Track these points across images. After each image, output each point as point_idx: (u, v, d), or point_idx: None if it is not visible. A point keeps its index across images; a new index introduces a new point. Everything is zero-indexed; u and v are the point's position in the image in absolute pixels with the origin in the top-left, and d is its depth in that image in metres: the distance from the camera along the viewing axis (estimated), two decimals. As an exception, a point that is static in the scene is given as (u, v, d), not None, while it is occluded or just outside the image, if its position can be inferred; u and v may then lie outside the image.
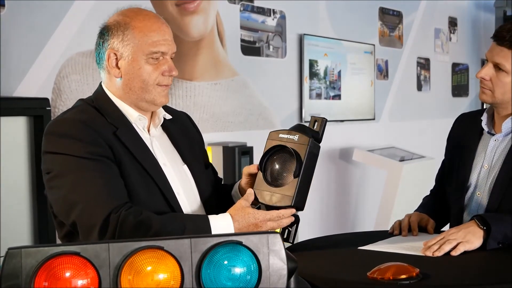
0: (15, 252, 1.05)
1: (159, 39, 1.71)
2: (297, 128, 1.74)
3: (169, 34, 1.75)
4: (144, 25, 1.71)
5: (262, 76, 4.27)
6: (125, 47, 1.71)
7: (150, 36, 1.71)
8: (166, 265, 1.08)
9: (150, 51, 1.70)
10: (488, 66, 2.04)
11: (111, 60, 1.73)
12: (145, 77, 1.72)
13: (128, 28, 1.71)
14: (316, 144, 1.72)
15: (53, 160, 1.65)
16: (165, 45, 1.72)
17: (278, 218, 1.67)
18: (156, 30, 1.72)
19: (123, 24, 1.72)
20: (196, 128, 2.01)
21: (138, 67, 1.71)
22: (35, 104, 2.72)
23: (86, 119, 1.69)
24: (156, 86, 1.73)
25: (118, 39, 1.72)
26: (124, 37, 1.71)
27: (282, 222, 1.69)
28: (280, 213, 1.67)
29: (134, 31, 1.70)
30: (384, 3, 5.54)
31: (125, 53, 1.71)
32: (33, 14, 2.91)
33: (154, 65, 1.72)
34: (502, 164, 2.03)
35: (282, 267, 1.12)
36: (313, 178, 1.73)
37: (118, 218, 1.55)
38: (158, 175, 1.72)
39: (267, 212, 1.67)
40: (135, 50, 1.70)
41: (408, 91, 5.95)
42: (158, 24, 1.73)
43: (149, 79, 1.72)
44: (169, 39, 1.74)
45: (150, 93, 1.73)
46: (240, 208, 1.67)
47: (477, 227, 1.85)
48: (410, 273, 1.52)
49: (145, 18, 1.73)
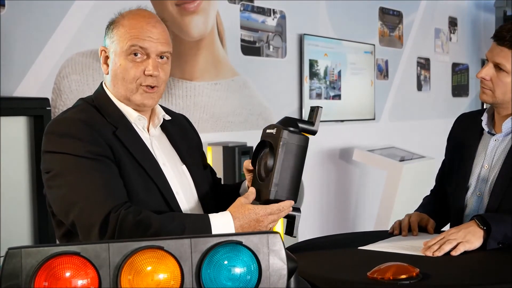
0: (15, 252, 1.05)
1: (139, 35, 1.69)
2: (281, 121, 1.73)
3: (157, 33, 1.72)
4: (130, 23, 1.71)
5: (262, 76, 4.28)
6: (111, 44, 1.73)
7: (130, 32, 1.70)
8: (166, 265, 1.08)
9: (128, 46, 1.69)
10: (489, 66, 2.04)
11: (102, 57, 1.76)
12: (124, 74, 1.70)
13: (118, 25, 1.72)
14: (294, 135, 1.68)
15: (53, 159, 1.65)
16: (146, 41, 1.69)
17: (279, 211, 1.67)
18: (139, 28, 1.70)
19: (115, 22, 1.74)
20: (194, 130, 2.01)
21: (118, 64, 1.71)
22: (35, 104, 2.72)
23: (86, 119, 1.69)
24: (139, 86, 1.71)
25: (108, 36, 1.74)
26: (111, 34, 1.73)
27: (282, 215, 1.69)
28: (280, 205, 1.67)
29: (119, 28, 1.71)
30: (384, 3, 5.54)
31: (111, 49, 1.73)
32: (33, 14, 2.91)
33: (133, 62, 1.70)
34: (502, 164, 2.03)
35: (282, 267, 1.12)
36: (302, 168, 1.70)
37: (118, 218, 1.55)
38: (157, 175, 1.72)
39: (266, 206, 1.66)
40: (117, 46, 1.71)
41: (408, 91, 5.95)
42: (143, 23, 1.71)
43: (127, 77, 1.70)
44: (153, 37, 1.71)
45: (131, 92, 1.72)
46: (239, 206, 1.67)
47: (477, 227, 1.85)
48: (410, 273, 1.52)
49: (135, 16, 1.72)
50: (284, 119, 1.73)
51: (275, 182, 1.67)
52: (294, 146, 1.68)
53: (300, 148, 1.69)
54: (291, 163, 1.68)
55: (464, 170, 2.12)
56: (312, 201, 4.67)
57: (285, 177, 1.68)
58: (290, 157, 1.68)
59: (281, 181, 1.68)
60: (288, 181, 1.69)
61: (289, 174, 1.68)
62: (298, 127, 1.71)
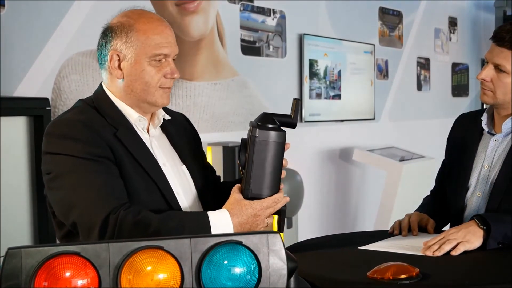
0: (15, 252, 1.05)
1: (162, 42, 1.72)
2: (258, 118, 1.71)
3: (172, 36, 1.75)
4: (148, 28, 1.71)
5: (262, 76, 4.27)
6: (128, 48, 1.71)
7: (153, 38, 1.71)
8: (166, 265, 1.08)
9: (153, 54, 1.71)
10: (489, 68, 2.04)
11: (114, 61, 1.73)
12: (147, 79, 1.72)
13: (132, 30, 1.71)
14: (266, 132, 1.66)
15: (53, 160, 1.65)
16: (168, 47, 1.73)
17: (274, 203, 1.68)
18: (159, 33, 1.72)
19: (127, 25, 1.72)
20: (194, 128, 2.01)
21: (141, 69, 1.72)
22: (35, 104, 2.72)
23: (86, 120, 1.69)
24: (158, 88, 1.74)
25: (122, 41, 1.72)
26: (127, 39, 1.71)
27: (278, 206, 1.70)
28: (275, 198, 1.68)
29: (138, 33, 1.71)
30: (384, 3, 5.54)
31: (128, 54, 1.71)
32: (33, 14, 2.91)
33: (156, 67, 1.72)
34: (502, 164, 2.03)
35: (282, 267, 1.12)
36: (279, 163, 1.67)
37: (117, 218, 1.56)
38: (158, 175, 1.73)
39: (262, 200, 1.67)
40: (138, 52, 1.71)
41: (408, 91, 5.95)
42: (162, 27, 1.74)
43: (152, 81, 1.72)
44: (172, 42, 1.74)
45: (152, 95, 1.74)
46: (235, 202, 1.67)
47: (477, 227, 1.85)
48: (410, 273, 1.52)
49: (149, 20, 1.73)
50: (262, 115, 1.71)
51: (249, 181, 1.67)
52: (267, 142, 1.66)
53: (274, 144, 1.66)
54: (265, 160, 1.66)
55: (464, 170, 2.12)
56: (312, 201, 4.67)
57: (259, 174, 1.66)
58: (263, 154, 1.66)
59: (255, 179, 1.66)
60: (264, 178, 1.67)
61: (263, 171, 1.67)
62: (276, 122, 1.69)
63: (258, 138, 1.65)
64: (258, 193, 1.67)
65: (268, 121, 1.68)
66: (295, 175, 3.86)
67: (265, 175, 1.67)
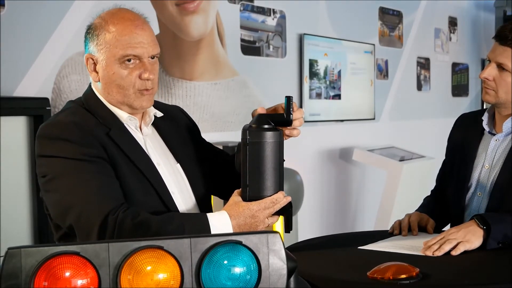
0: (15, 252, 1.05)
1: (131, 42, 1.66)
2: (253, 120, 1.70)
3: (145, 36, 1.69)
4: (116, 29, 1.67)
5: (262, 76, 4.27)
6: (99, 51, 1.69)
7: (121, 40, 1.66)
8: (166, 265, 1.08)
9: (121, 55, 1.66)
10: (491, 66, 2.04)
11: (90, 65, 1.72)
12: (119, 82, 1.68)
13: (102, 32, 1.68)
14: (259, 133, 1.65)
15: (48, 163, 1.64)
16: (138, 48, 1.67)
17: (273, 204, 1.65)
18: (128, 34, 1.67)
19: (98, 27, 1.69)
20: (190, 119, 1.98)
21: (112, 72, 1.68)
22: (35, 104, 2.72)
23: (79, 121, 1.67)
24: (135, 91, 1.70)
25: (94, 43, 1.70)
26: (98, 41, 1.69)
27: (278, 207, 1.66)
28: (273, 198, 1.65)
29: (106, 35, 1.67)
30: (384, 3, 5.54)
31: (100, 57, 1.69)
32: (33, 14, 2.91)
33: (128, 69, 1.68)
34: (502, 164, 2.03)
35: (282, 267, 1.12)
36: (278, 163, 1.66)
37: (116, 220, 1.54)
38: (153, 175, 1.71)
39: (260, 201, 1.65)
40: (108, 55, 1.67)
41: (408, 91, 5.95)
42: (131, 28, 1.68)
43: (124, 84, 1.68)
44: (145, 42, 1.68)
45: (128, 97, 1.70)
46: (233, 204, 1.66)
47: (477, 227, 1.85)
48: (410, 273, 1.52)
49: (120, 21, 1.68)
50: (256, 117, 1.70)
51: (246, 184, 1.66)
52: (259, 143, 1.64)
53: (270, 144, 1.65)
54: (260, 161, 1.64)
55: (464, 170, 2.12)
56: (312, 201, 4.67)
57: (256, 176, 1.65)
58: (257, 155, 1.64)
59: (252, 181, 1.65)
60: (260, 179, 1.65)
61: (260, 172, 1.65)
62: (270, 123, 1.68)
63: (249, 140, 1.64)
64: (256, 194, 1.66)
65: (262, 123, 1.67)
66: (295, 175, 3.86)
67: (262, 176, 1.65)
